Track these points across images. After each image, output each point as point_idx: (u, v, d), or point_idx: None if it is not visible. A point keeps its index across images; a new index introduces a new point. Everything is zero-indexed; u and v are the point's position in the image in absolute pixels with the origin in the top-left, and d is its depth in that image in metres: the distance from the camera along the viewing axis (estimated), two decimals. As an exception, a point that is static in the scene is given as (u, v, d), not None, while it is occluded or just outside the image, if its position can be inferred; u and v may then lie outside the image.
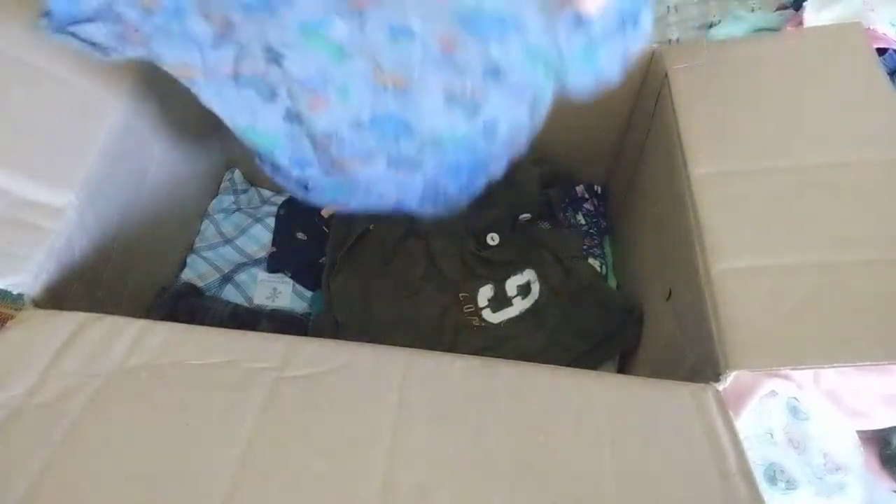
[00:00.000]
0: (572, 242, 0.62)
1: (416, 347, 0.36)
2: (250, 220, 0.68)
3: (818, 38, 0.50)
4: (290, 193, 0.53)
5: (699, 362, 0.39)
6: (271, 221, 0.68)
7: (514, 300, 0.59)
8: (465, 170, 0.50)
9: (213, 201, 0.69)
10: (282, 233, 0.67)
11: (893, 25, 0.65)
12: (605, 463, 0.31)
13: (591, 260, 0.63)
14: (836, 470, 0.43)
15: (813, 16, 0.68)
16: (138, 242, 0.53)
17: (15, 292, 0.38)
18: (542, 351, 0.56)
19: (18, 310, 0.38)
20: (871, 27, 0.64)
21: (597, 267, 0.63)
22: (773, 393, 0.45)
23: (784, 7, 0.76)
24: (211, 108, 0.42)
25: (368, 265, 0.61)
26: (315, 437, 0.32)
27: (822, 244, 0.39)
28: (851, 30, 0.49)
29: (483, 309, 0.59)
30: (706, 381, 0.36)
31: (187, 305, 0.59)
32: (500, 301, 0.59)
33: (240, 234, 0.67)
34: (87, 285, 0.45)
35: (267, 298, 0.62)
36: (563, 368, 0.36)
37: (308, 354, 0.36)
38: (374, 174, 0.48)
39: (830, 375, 0.46)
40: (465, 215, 0.56)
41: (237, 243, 0.66)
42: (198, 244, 0.66)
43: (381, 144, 0.46)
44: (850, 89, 0.45)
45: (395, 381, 0.34)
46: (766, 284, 0.37)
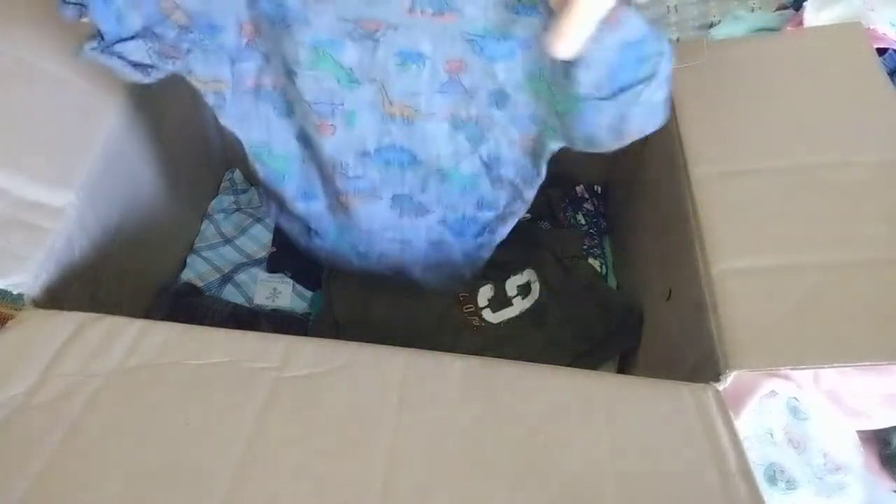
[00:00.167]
0: (572, 242, 0.62)
1: (416, 347, 0.36)
2: (250, 220, 0.68)
3: (818, 38, 0.50)
4: (297, 243, 0.54)
5: (699, 362, 0.39)
6: (271, 221, 0.68)
7: (514, 300, 0.59)
8: (470, 227, 0.50)
9: (213, 201, 0.69)
10: (282, 233, 0.67)
11: (893, 25, 0.65)
12: (605, 463, 0.31)
13: (591, 260, 0.63)
14: (836, 470, 0.43)
15: (813, 16, 0.68)
16: (138, 242, 0.53)
17: (15, 292, 0.38)
18: (542, 351, 0.56)
19: (18, 310, 0.38)
20: (871, 27, 0.64)
21: (597, 267, 0.63)
22: (773, 393, 0.45)
23: (784, 7, 0.76)
24: (230, 124, 0.43)
25: (368, 265, 0.61)
26: (315, 437, 0.32)
27: (822, 244, 0.39)
28: (851, 30, 0.49)
29: (483, 309, 0.59)
30: (706, 381, 0.36)
31: (187, 305, 0.59)
32: (500, 301, 0.59)
33: (240, 234, 0.67)
34: (87, 285, 0.45)
35: (267, 298, 0.62)
36: (563, 368, 0.36)
37: (308, 354, 0.36)
38: (378, 214, 0.48)
39: (830, 375, 0.46)
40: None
41: (237, 243, 0.66)
42: (198, 244, 0.66)
43: (386, 177, 0.46)
44: (850, 89, 0.45)
45: (395, 381, 0.34)
46: (766, 284, 0.37)
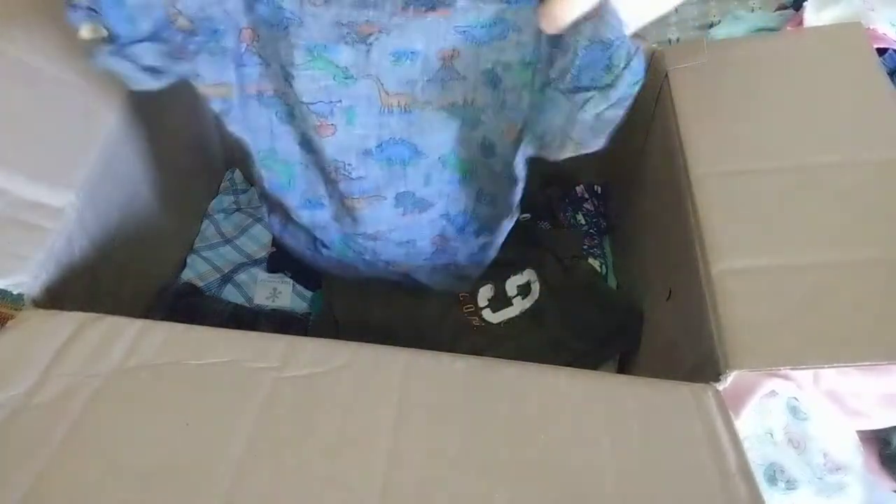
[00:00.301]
0: (572, 242, 0.62)
1: (416, 347, 0.36)
2: (250, 220, 0.68)
3: (818, 38, 0.50)
4: (297, 256, 0.54)
5: (699, 362, 0.38)
6: (276, 236, 0.68)
7: (514, 300, 0.59)
8: (471, 224, 0.50)
9: (213, 201, 0.69)
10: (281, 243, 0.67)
11: (893, 25, 0.65)
12: (605, 463, 0.31)
13: (591, 260, 0.63)
14: (836, 470, 0.43)
15: (813, 16, 0.68)
16: (138, 242, 0.53)
17: (15, 292, 0.38)
18: (542, 351, 0.56)
19: (18, 310, 0.38)
20: (871, 27, 0.64)
21: (597, 267, 0.63)
22: (773, 393, 0.45)
23: (784, 7, 0.76)
24: (237, 130, 0.43)
25: (368, 265, 0.61)
26: (315, 437, 0.32)
27: (822, 244, 0.38)
28: (851, 30, 0.49)
29: (483, 309, 0.59)
30: (706, 381, 0.35)
31: (187, 305, 0.59)
32: (500, 301, 0.59)
33: (240, 234, 0.67)
34: (87, 285, 0.45)
35: (267, 298, 0.62)
36: (563, 368, 0.36)
37: (308, 354, 0.36)
38: (382, 216, 0.49)
39: (830, 375, 0.46)
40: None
41: (237, 243, 0.66)
42: (198, 244, 0.66)
43: (389, 176, 0.46)
44: (850, 89, 0.45)
45: (395, 381, 0.34)
46: (766, 284, 0.37)
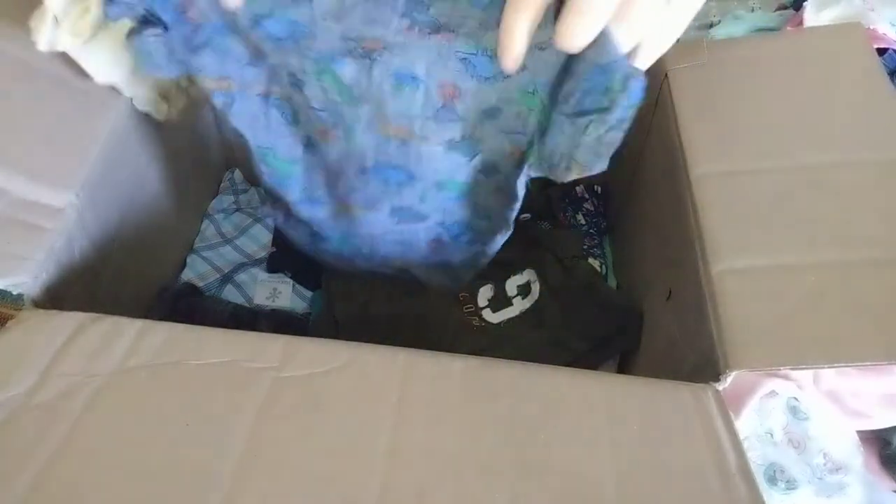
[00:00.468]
0: (572, 242, 0.62)
1: (416, 347, 0.36)
2: (250, 220, 0.68)
3: (818, 38, 0.50)
4: (298, 246, 0.54)
5: (699, 362, 0.38)
6: (271, 221, 0.68)
7: (514, 300, 0.59)
8: (466, 234, 0.50)
9: (213, 201, 0.69)
10: (283, 233, 0.67)
11: (893, 25, 0.65)
12: (605, 463, 0.31)
13: (591, 260, 0.63)
14: (836, 470, 0.43)
15: (813, 16, 0.68)
16: (138, 242, 0.52)
17: (15, 292, 0.38)
18: (542, 351, 0.56)
19: (18, 310, 0.38)
20: (871, 27, 0.64)
21: (597, 267, 0.63)
22: (773, 393, 0.45)
23: (784, 7, 0.76)
24: (238, 125, 0.44)
25: (368, 265, 0.61)
26: (315, 437, 0.32)
27: (822, 244, 0.38)
28: (851, 30, 0.49)
29: (483, 309, 0.59)
30: (706, 381, 0.36)
31: (187, 305, 0.59)
32: (500, 301, 0.59)
33: (240, 234, 0.67)
34: (87, 285, 0.45)
35: (267, 298, 0.62)
36: (563, 368, 0.36)
37: (308, 354, 0.36)
38: (378, 221, 0.49)
39: (830, 375, 0.46)
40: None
41: (237, 243, 0.66)
42: (198, 244, 0.66)
43: (384, 192, 0.46)
44: (850, 89, 0.45)
45: (395, 381, 0.34)
46: (766, 284, 0.37)
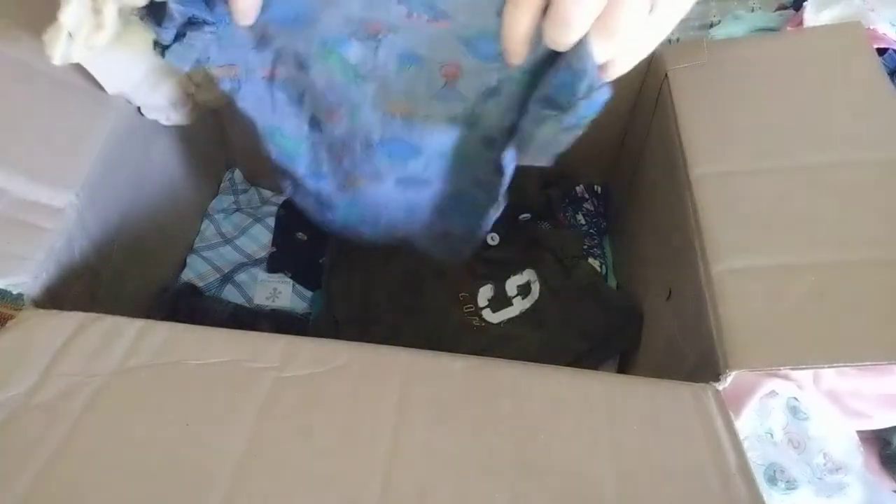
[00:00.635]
0: (572, 242, 0.62)
1: (416, 347, 0.36)
2: (250, 220, 0.68)
3: (818, 38, 0.50)
4: (310, 217, 0.55)
5: (699, 362, 0.39)
6: (271, 221, 0.68)
7: (514, 300, 0.59)
8: (465, 202, 0.51)
9: (213, 201, 0.69)
10: (282, 233, 0.67)
11: (893, 25, 0.65)
12: (605, 463, 0.31)
13: (591, 260, 0.63)
14: (836, 470, 0.43)
15: (813, 16, 0.68)
16: (138, 242, 0.53)
17: (15, 292, 0.38)
18: (542, 351, 0.56)
19: (18, 310, 0.38)
20: (871, 27, 0.64)
21: (597, 267, 0.63)
22: (773, 393, 0.45)
23: (784, 7, 0.76)
24: (245, 108, 0.44)
25: (369, 265, 0.61)
26: (315, 437, 0.32)
27: (822, 244, 0.38)
28: (851, 30, 0.49)
29: (483, 309, 0.59)
30: (706, 381, 0.36)
31: (187, 305, 0.59)
32: (500, 301, 0.59)
33: (240, 234, 0.67)
34: (87, 285, 0.45)
35: (267, 298, 0.62)
36: (563, 368, 0.36)
37: (308, 354, 0.36)
38: (383, 192, 0.49)
39: (830, 375, 0.46)
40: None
41: (237, 243, 0.66)
42: (198, 244, 0.66)
43: (390, 166, 0.47)
44: (850, 89, 0.45)
45: (395, 381, 0.34)
46: (766, 284, 0.37)
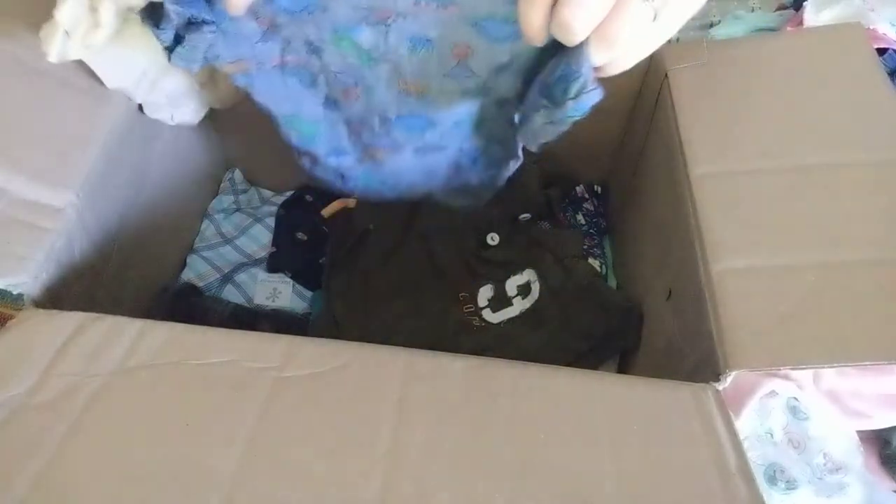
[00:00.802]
0: (572, 242, 0.62)
1: (416, 347, 0.36)
2: (250, 220, 0.68)
3: (818, 38, 0.50)
4: (326, 185, 0.56)
5: (699, 362, 0.39)
6: (271, 221, 0.68)
7: (514, 300, 0.59)
8: (482, 158, 0.52)
9: (213, 201, 0.69)
10: (282, 233, 0.67)
11: (893, 25, 0.65)
12: (605, 463, 0.31)
13: (591, 260, 0.63)
14: (836, 470, 0.43)
15: (813, 16, 0.68)
16: (138, 242, 0.53)
17: (15, 292, 0.38)
18: (542, 351, 0.56)
19: (18, 310, 0.38)
20: (871, 27, 0.64)
21: (597, 267, 0.63)
22: (773, 393, 0.45)
23: (784, 7, 0.76)
24: (261, 100, 0.45)
25: (369, 265, 0.61)
26: (315, 437, 0.32)
27: (822, 244, 0.38)
28: (851, 30, 0.49)
29: (483, 309, 0.59)
30: (706, 381, 0.36)
31: (187, 305, 0.59)
32: (500, 301, 0.59)
33: (240, 234, 0.67)
34: (87, 285, 0.45)
35: (267, 298, 0.62)
36: (563, 368, 0.36)
37: (308, 354, 0.36)
38: (402, 160, 0.51)
39: (830, 375, 0.46)
40: (466, 215, 0.57)
41: (237, 243, 0.66)
42: (198, 244, 0.66)
43: (408, 137, 0.48)
44: (850, 89, 0.45)
45: (395, 381, 0.34)
46: (766, 284, 0.37)
